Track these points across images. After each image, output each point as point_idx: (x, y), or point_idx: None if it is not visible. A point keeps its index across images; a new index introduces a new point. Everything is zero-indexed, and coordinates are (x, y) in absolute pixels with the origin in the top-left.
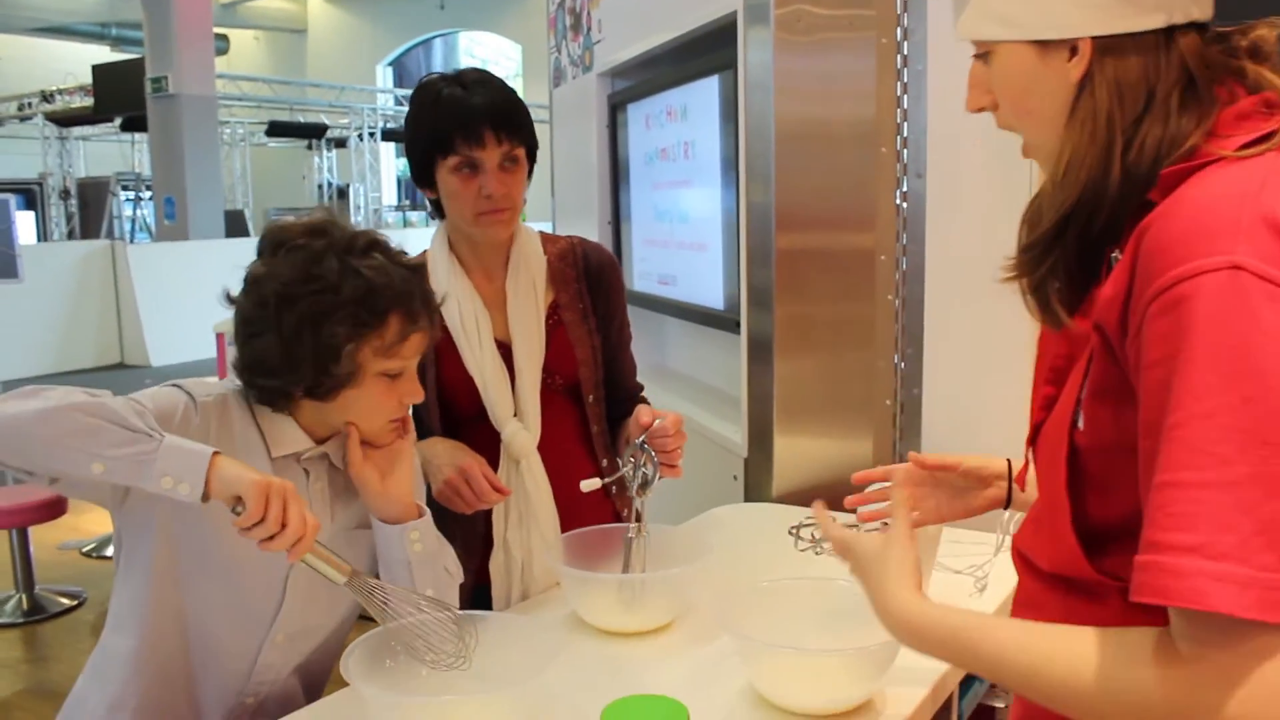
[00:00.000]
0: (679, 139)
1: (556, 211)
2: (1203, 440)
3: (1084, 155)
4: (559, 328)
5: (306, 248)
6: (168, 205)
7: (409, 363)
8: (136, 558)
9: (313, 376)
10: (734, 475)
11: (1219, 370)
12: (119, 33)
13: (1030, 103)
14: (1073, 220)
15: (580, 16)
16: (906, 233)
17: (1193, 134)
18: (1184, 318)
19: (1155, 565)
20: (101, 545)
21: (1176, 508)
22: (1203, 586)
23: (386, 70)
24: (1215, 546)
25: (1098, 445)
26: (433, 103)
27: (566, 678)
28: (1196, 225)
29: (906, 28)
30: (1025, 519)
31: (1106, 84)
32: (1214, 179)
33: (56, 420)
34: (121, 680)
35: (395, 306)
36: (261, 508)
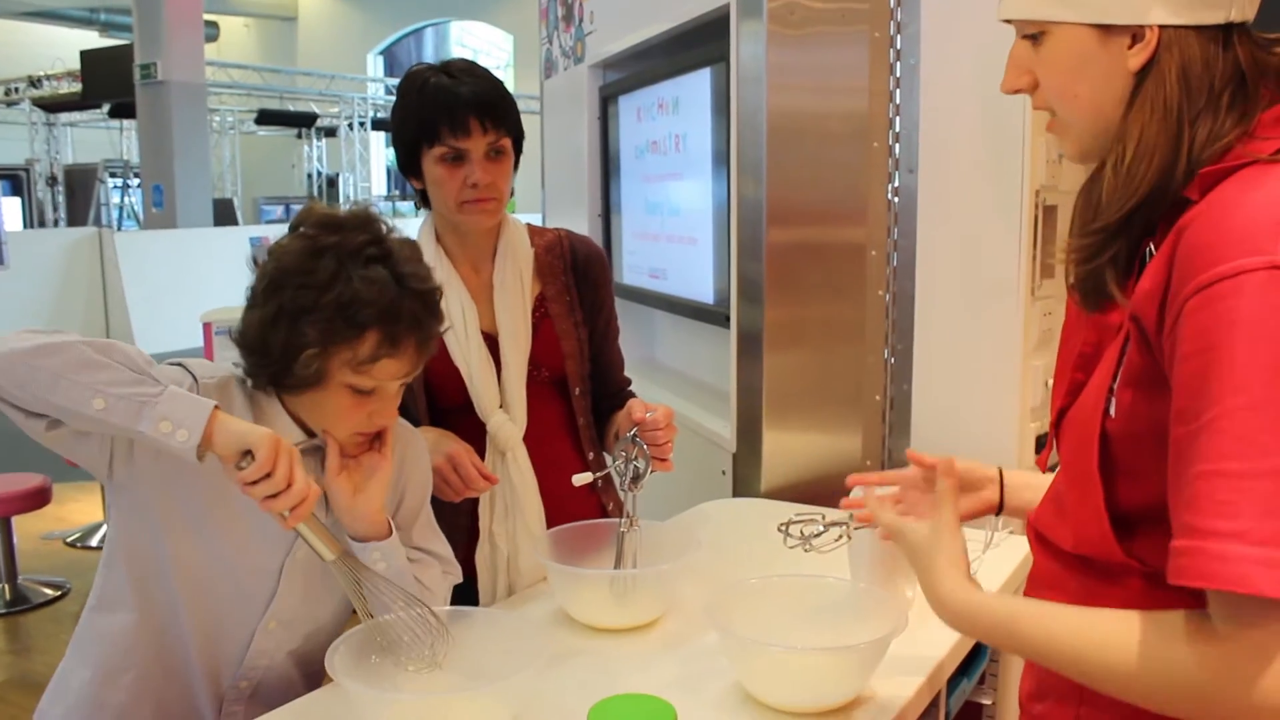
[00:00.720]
0: (670, 132)
1: (546, 203)
2: (1244, 430)
3: (1154, 144)
4: (545, 320)
5: (314, 239)
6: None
7: (383, 384)
8: (128, 538)
9: (277, 368)
10: (722, 470)
11: (1260, 363)
12: (108, 18)
13: (1079, 87)
14: (1141, 210)
15: (572, 7)
16: (898, 228)
17: (1232, 132)
18: (1224, 313)
19: (1198, 550)
20: (86, 535)
21: (1219, 495)
22: (1246, 571)
23: (377, 59)
24: (1257, 532)
25: (1128, 432)
26: (419, 91)
27: (553, 675)
28: (1236, 226)
29: (900, 21)
30: (1044, 499)
31: (1176, 74)
32: (1253, 182)
33: (64, 352)
34: (114, 657)
35: (376, 324)
36: (272, 460)
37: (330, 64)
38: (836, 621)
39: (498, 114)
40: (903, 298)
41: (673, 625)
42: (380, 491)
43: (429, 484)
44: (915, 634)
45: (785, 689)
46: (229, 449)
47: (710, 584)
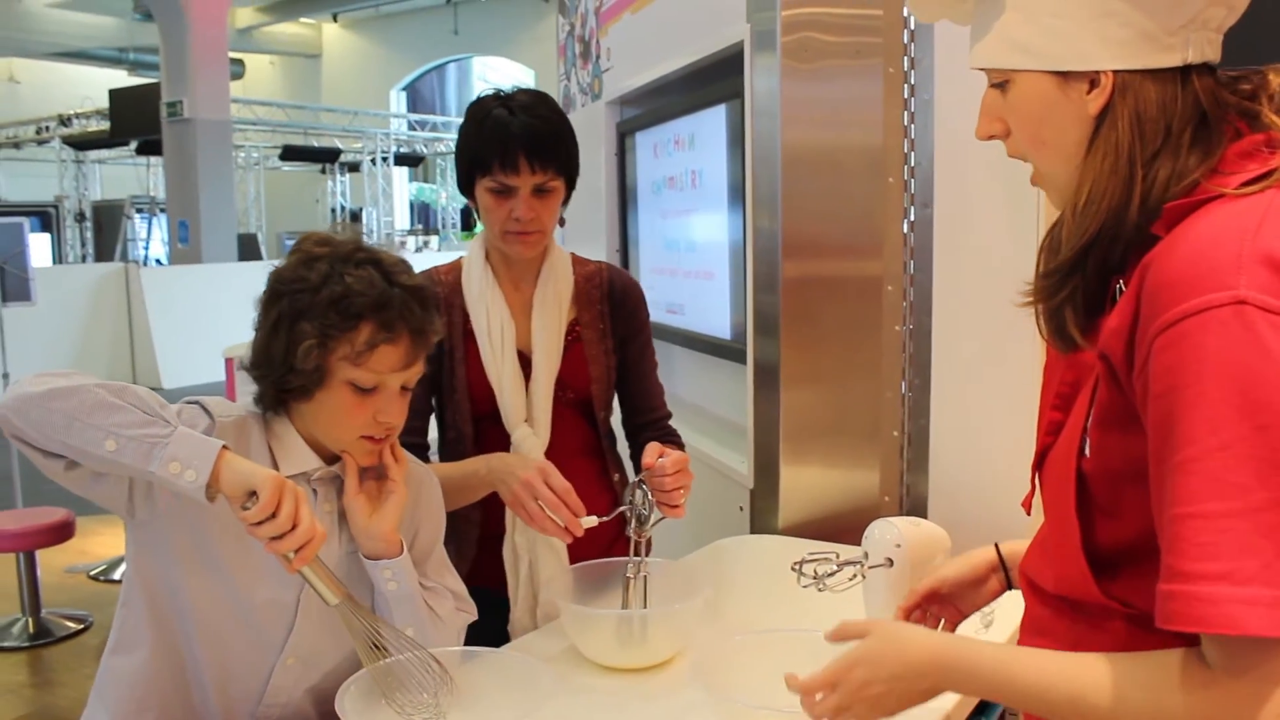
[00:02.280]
0: (687, 167)
1: (565, 238)
2: (1221, 470)
3: (1105, 187)
4: (577, 344)
5: (307, 252)
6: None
7: (383, 378)
8: (148, 575)
9: (281, 372)
10: (740, 506)
11: (1231, 402)
12: (136, 57)
13: (1046, 133)
14: (1093, 250)
15: (589, 44)
16: (914, 262)
17: (1197, 169)
18: (1191, 351)
19: (1186, 594)
20: (109, 569)
21: (1201, 538)
22: (1234, 612)
23: (400, 95)
24: (1241, 572)
25: (1104, 471)
26: (479, 122)
27: (564, 715)
28: (1200, 261)
29: (914, 56)
30: (1031, 544)
31: (1128, 118)
32: (1215, 216)
33: (78, 395)
34: (133, 698)
35: (369, 315)
36: (275, 501)
37: (354, 100)
38: None
39: (547, 155)
40: (919, 333)
41: (687, 665)
42: (395, 513)
43: (443, 523)
44: None
45: None
46: (235, 489)
47: (725, 623)
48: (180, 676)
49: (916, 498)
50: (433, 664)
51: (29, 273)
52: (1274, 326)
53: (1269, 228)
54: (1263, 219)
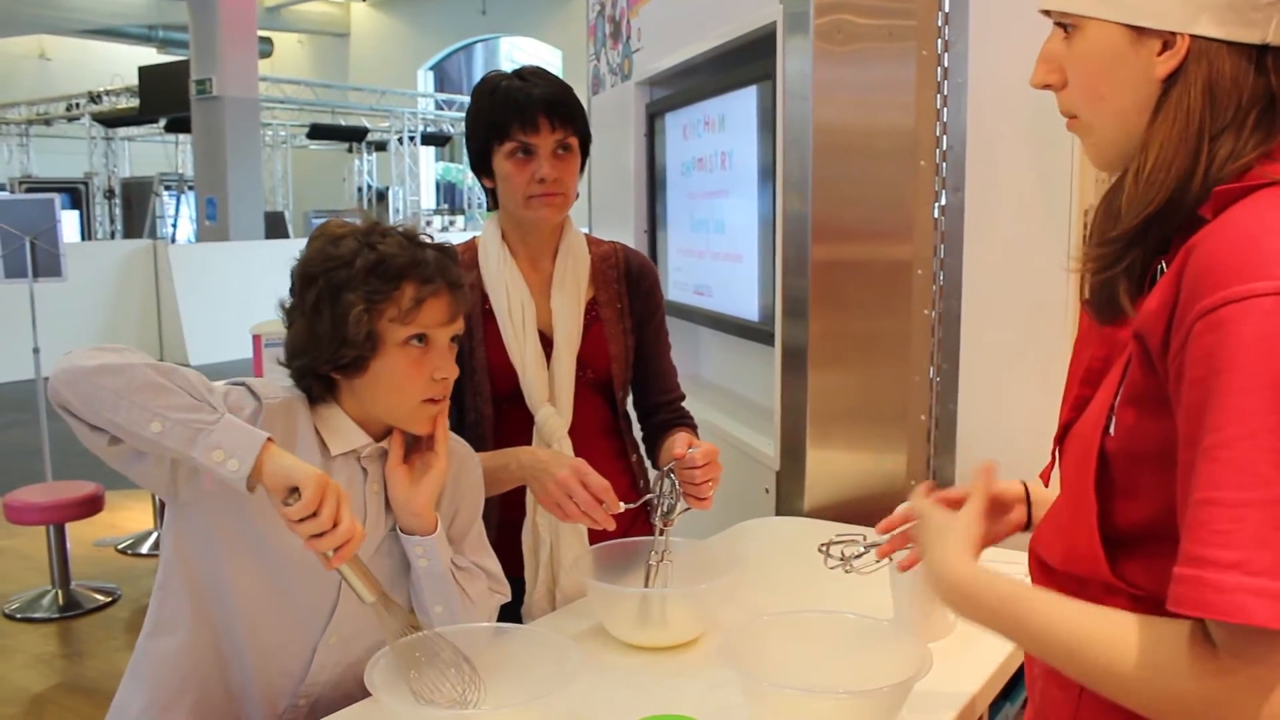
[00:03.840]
0: (716, 149)
1: (593, 219)
2: (1245, 460)
3: (1173, 156)
4: (596, 323)
5: (330, 235)
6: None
7: (433, 331)
8: (189, 557)
9: (333, 349)
10: (766, 488)
11: (1262, 391)
12: (165, 35)
13: (1105, 87)
14: (1156, 220)
15: (620, 25)
16: (944, 246)
17: (1252, 153)
18: (1229, 339)
19: (1196, 579)
20: (138, 542)
21: (1218, 525)
22: (1242, 601)
23: (428, 74)
24: (1254, 563)
25: (1126, 451)
26: (491, 93)
27: (590, 693)
28: (1247, 249)
29: (948, 39)
30: (1043, 520)
31: (1201, 86)
32: (1265, 204)
33: (128, 373)
34: (173, 681)
35: (407, 274)
36: (317, 500)
37: (381, 79)
38: (860, 661)
39: (566, 113)
40: (948, 316)
41: (712, 645)
42: (434, 487)
43: (481, 501)
44: (957, 663)
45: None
46: (277, 483)
47: (750, 604)
48: (220, 658)
49: (943, 481)
50: (463, 664)
51: (60, 248)
52: None
53: None
54: None
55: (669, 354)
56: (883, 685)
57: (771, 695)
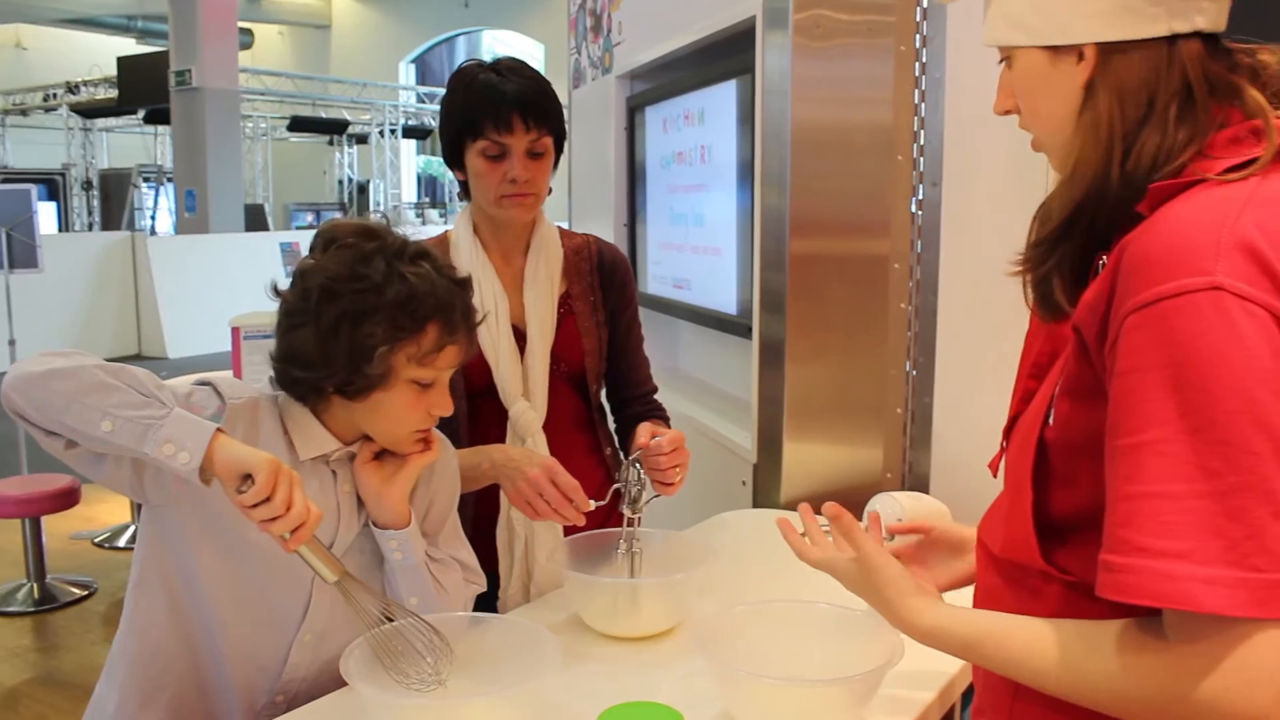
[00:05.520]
0: (696, 143)
1: (573, 212)
2: (1191, 453)
3: (1089, 158)
4: (569, 317)
5: (356, 247)
6: (188, 198)
7: (442, 374)
8: (163, 558)
9: (345, 374)
10: (743, 480)
11: (1203, 386)
12: (144, 25)
13: (1041, 105)
14: (1077, 218)
15: (601, 18)
16: (921, 241)
17: (1186, 150)
18: (1166, 333)
19: (1144, 568)
20: (114, 535)
21: (1164, 516)
22: (1194, 590)
23: (409, 67)
24: (1203, 552)
25: (1063, 441)
26: (466, 87)
27: (566, 682)
28: (1179, 244)
29: (925, 35)
30: (990, 507)
31: (1108, 89)
32: (1197, 200)
33: (77, 375)
34: (149, 677)
35: (435, 315)
36: (270, 485)
37: (363, 72)
38: (834, 650)
39: (540, 113)
40: (925, 311)
41: (687, 635)
42: (408, 482)
43: (457, 492)
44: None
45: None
46: (229, 471)
47: (725, 594)
48: (196, 656)
49: (919, 475)
50: (433, 635)
51: (36, 240)
52: (1249, 314)
53: (1250, 215)
54: (1244, 206)
55: (642, 346)
56: (855, 674)
57: (745, 684)
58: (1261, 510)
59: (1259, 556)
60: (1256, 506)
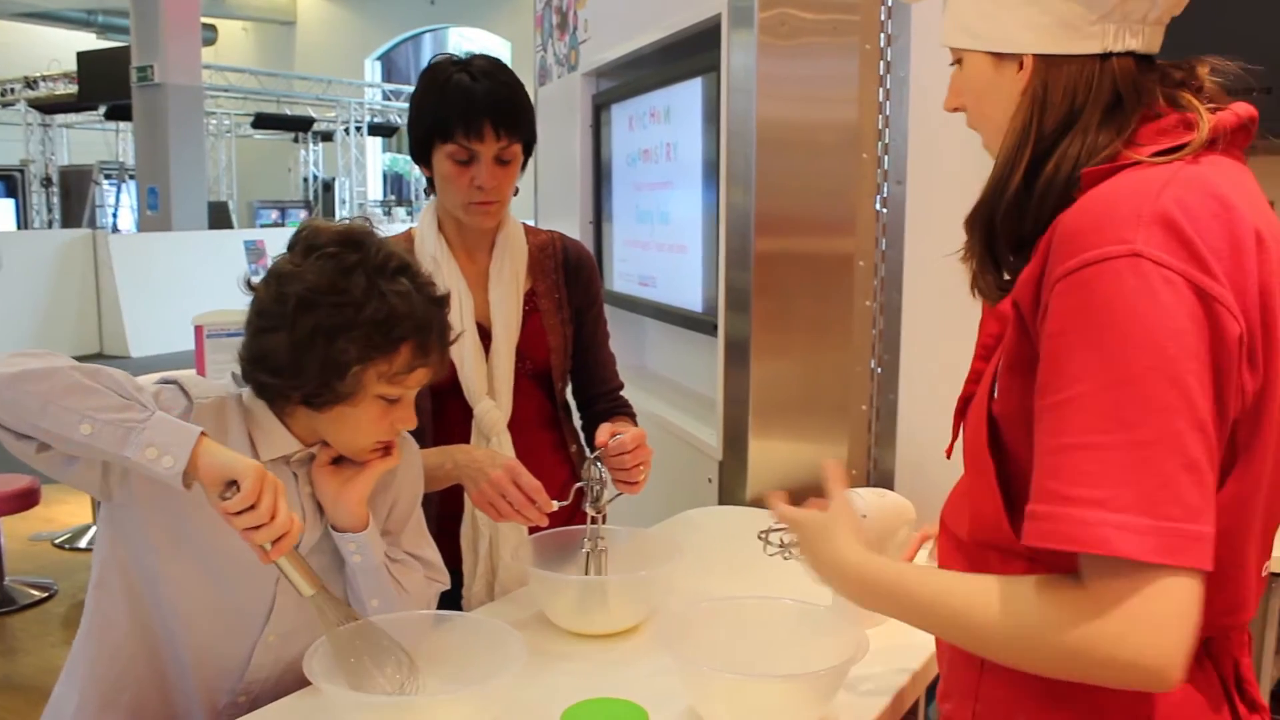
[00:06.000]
0: (662, 140)
1: (539, 210)
2: (1110, 406)
3: (1003, 156)
4: (534, 314)
5: (339, 258)
6: (151, 195)
7: (410, 392)
8: (124, 558)
9: (314, 386)
10: (708, 478)
11: (1122, 344)
12: (105, 20)
13: (985, 107)
14: (979, 214)
15: (567, 16)
16: (885, 238)
17: (1109, 145)
18: (1089, 297)
19: (1063, 516)
20: (75, 536)
21: (1085, 466)
22: (1107, 534)
23: (375, 65)
24: (1118, 500)
25: (1008, 414)
26: (439, 87)
27: (530, 679)
28: (1103, 216)
29: (890, 34)
30: (951, 493)
31: (1032, 98)
32: (1123, 179)
33: (53, 377)
34: (109, 678)
35: (411, 337)
36: (256, 492)
37: (328, 69)
38: (799, 645)
39: (513, 122)
40: (890, 308)
41: (653, 632)
42: (366, 485)
43: (420, 491)
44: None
45: (741, 717)
46: (213, 477)
47: (691, 591)
48: (157, 657)
49: (884, 471)
50: (401, 654)
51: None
52: (1165, 280)
53: (1170, 192)
54: (1166, 184)
55: (608, 343)
56: (820, 669)
57: (711, 679)
58: (1172, 462)
59: (1170, 506)
60: (1168, 458)
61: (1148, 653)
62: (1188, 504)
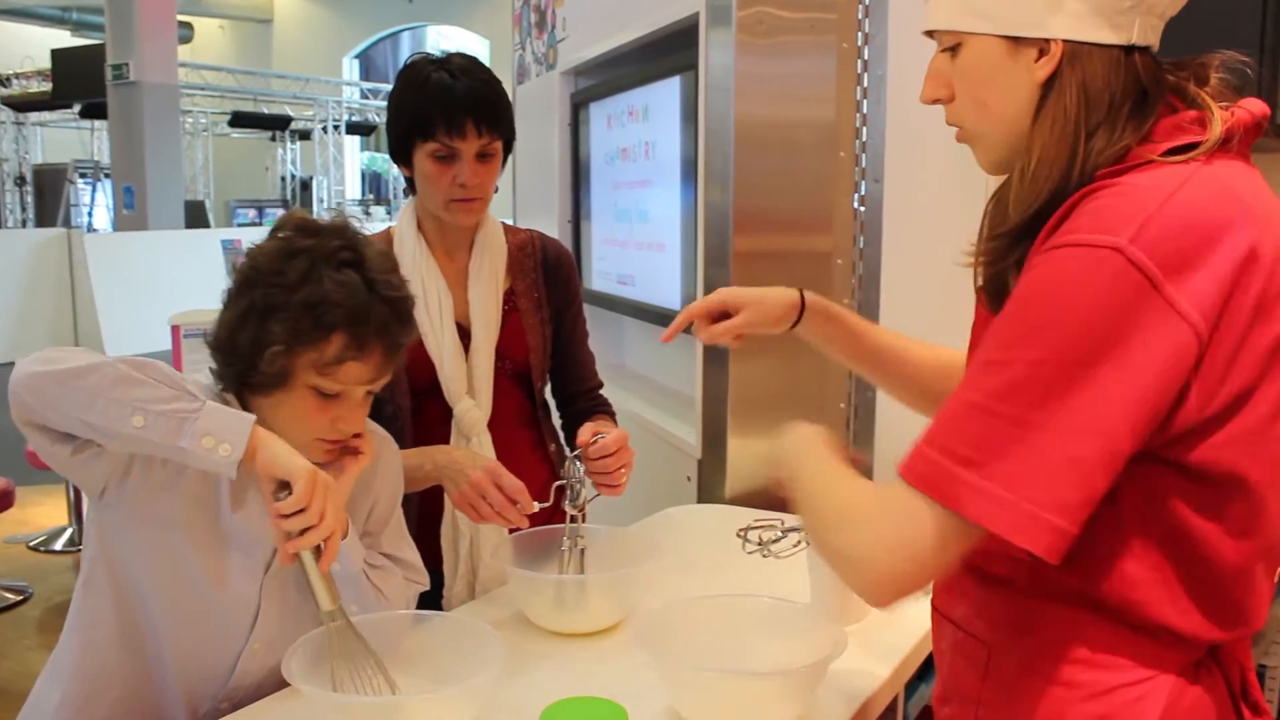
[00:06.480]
0: (640, 139)
1: (518, 208)
2: (1024, 380)
3: (1053, 155)
4: (513, 314)
5: (289, 241)
6: (127, 194)
7: (350, 389)
8: (112, 555)
9: (244, 366)
10: (688, 476)
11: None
12: (80, 18)
13: (989, 95)
14: (1040, 215)
15: (545, 14)
16: (863, 237)
17: (1129, 139)
18: (1055, 272)
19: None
20: (51, 539)
21: (980, 429)
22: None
23: (353, 63)
24: (995, 471)
25: None
26: (419, 86)
27: (510, 678)
28: (1103, 209)
29: (868, 32)
30: None
31: (1076, 88)
32: (1141, 176)
33: (99, 371)
34: (94, 677)
35: (343, 327)
36: (309, 493)
37: (305, 67)
38: (778, 643)
39: (494, 119)
40: (868, 306)
41: (632, 631)
42: (346, 487)
43: (400, 491)
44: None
45: (720, 715)
46: (269, 473)
47: (670, 589)
48: (141, 658)
49: (862, 469)
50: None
51: None
52: (1134, 284)
53: (1185, 193)
54: (1183, 184)
55: (587, 342)
56: (799, 666)
57: (690, 678)
58: (1058, 453)
59: (1035, 490)
60: (1055, 448)
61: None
62: (1057, 496)
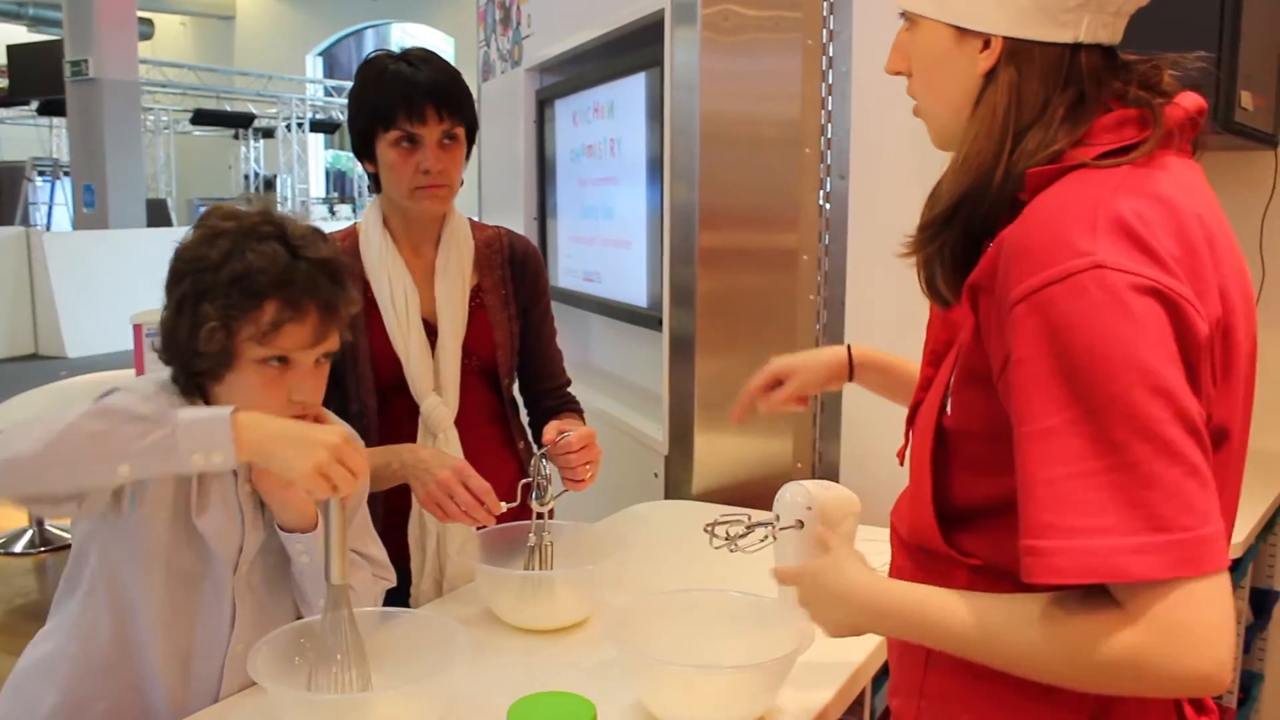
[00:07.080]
0: (606, 136)
1: (483, 206)
2: (1097, 430)
3: (980, 149)
4: (480, 310)
5: (211, 228)
6: (87, 193)
7: (294, 354)
8: (112, 562)
9: (189, 356)
10: (654, 472)
11: (1100, 362)
12: (36, 13)
13: (937, 79)
14: (960, 206)
15: (510, 11)
16: (829, 233)
17: (1062, 140)
18: (1057, 317)
19: (1071, 549)
20: (10, 541)
21: (1085, 495)
22: (1124, 561)
23: (316, 60)
24: (1128, 524)
25: (964, 429)
26: (377, 77)
27: (476, 674)
28: (1057, 229)
29: (833, 30)
30: (901, 494)
31: (1008, 86)
32: (1071, 186)
33: (66, 441)
34: (88, 683)
35: (274, 292)
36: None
37: (268, 64)
38: (745, 637)
39: (453, 102)
40: (833, 302)
41: (600, 626)
42: None
43: (366, 489)
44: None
45: (688, 709)
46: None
47: (637, 585)
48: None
49: (828, 465)
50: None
51: None
52: (1133, 287)
53: (1122, 197)
54: (1116, 189)
55: (555, 339)
56: (766, 660)
57: (657, 672)
58: (1174, 471)
59: (1184, 516)
60: (1168, 469)
61: (1200, 665)
62: (1197, 509)
